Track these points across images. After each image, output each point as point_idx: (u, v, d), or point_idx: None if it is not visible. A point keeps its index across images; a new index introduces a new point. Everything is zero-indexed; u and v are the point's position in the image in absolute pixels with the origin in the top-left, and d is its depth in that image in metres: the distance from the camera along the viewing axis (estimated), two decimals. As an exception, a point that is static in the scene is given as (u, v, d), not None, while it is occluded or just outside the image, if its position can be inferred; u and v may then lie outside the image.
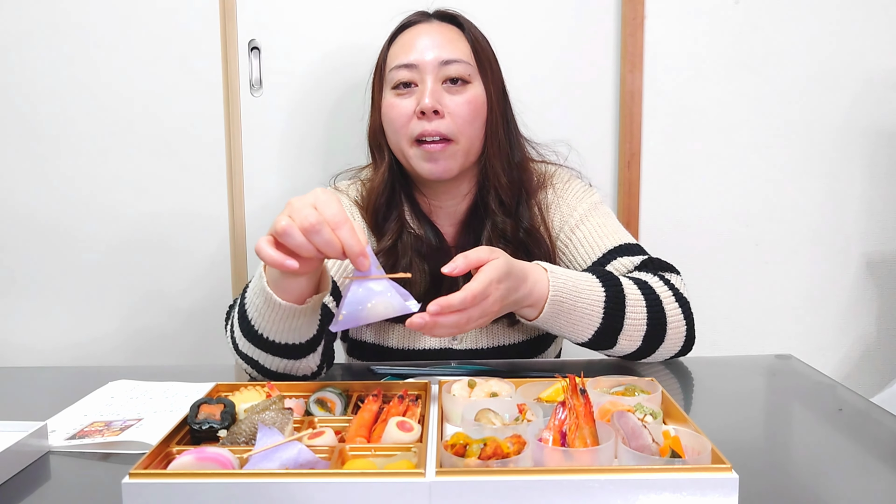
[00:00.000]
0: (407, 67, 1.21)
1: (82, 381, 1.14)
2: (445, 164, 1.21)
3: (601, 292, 1.05)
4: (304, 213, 0.84)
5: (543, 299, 1.01)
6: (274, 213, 1.76)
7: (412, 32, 1.25)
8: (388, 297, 0.84)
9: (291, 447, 0.75)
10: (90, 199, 1.73)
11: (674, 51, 1.73)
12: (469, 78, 1.22)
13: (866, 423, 0.97)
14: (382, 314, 0.84)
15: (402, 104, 1.21)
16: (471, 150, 1.23)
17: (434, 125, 1.19)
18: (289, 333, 1.02)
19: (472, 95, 1.22)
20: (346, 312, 0.84)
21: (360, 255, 0.84)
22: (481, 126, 1.23)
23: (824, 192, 1.81)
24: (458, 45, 1.23)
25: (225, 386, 0.96)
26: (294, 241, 0.84)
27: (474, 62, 1.23)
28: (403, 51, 1.23)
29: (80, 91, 1.69)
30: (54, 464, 0.86)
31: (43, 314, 1.77)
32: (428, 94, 1.18)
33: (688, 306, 1.14)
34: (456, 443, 0.74)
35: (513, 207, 1.25)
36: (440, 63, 1.20)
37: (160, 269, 1.76)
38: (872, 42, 1.75)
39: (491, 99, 1.24)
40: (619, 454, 0.75)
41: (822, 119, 1.78)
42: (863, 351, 1.87)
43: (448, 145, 1.20)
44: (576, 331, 1.06)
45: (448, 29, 1.25)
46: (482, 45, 1.26)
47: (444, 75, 1.21)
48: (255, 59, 1.70)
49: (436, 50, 1.21)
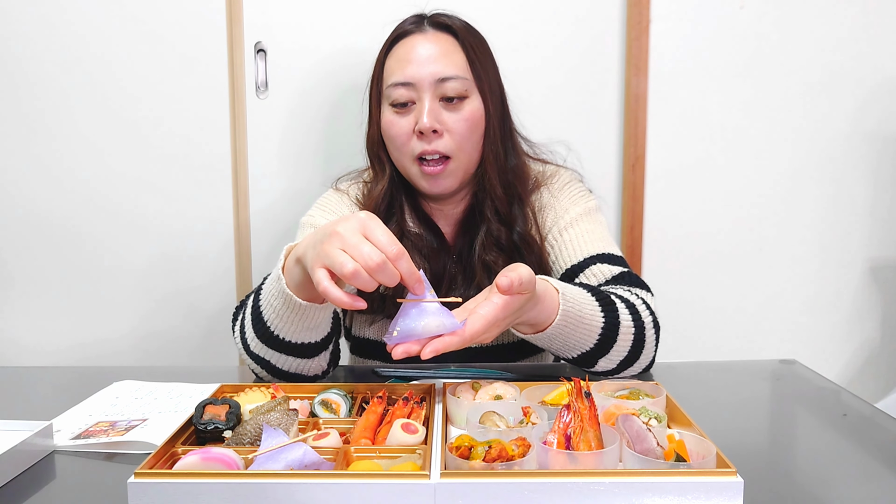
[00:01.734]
0: (404, 86, 1.21)
1: (87, 382, 1.15)
2: (445, 182, 1.24)
3: (600, 318, 1.04)
4: (364, 250, 0.82)
5: (547, 323, 0.99)
6: (279, 215, 1.77)
7: (407, 45, 1.23)
8: (440, 318, 0.86)
9: (296, 448, 0.75)
10: (96, 200, 1.73)
11: (679, 55, 1.73)
12: (466, 93, 1.21)
13: (871, 429, 0.97)
14: (434, 331, 0.86)
15: (402, 122, 1.22)
16: (469, 164, 1.25)
17: (433, 145, 1.20)
18: (306, 333, 1.03)
19: (470, 111, 1.22)
20: (401, 329, 0.86)
21: (417, 282, 0.86)
22: (479, 139, 1.24)
23: (828, 197, 1.80)
24: (453, 58, 1.22)
25: (230, 387, 0.96)
26: (361, 281, 0.83)
27: (471, 75, 1.22)
28: (400, 67, 1.22)
29: (85, 93, 1.70)
30: (59, 463, 0.87)
31: (48, 314, 1.78)
32: (426, 115, 1.19)
33: (659, 332, 1.14)
34: (461, 445, 0.74)
35: (507, 214, 1.26)
36: (437, 80, 1.20)
37: (165, 270, 1.76)
38: (878, 48, 1.75)
39: (488, 110, 1.24)
40: (623, 457, 0.75)
41: (826, 124, 1.77)
42: (866, 356, 1.87)
43: (447, 164, 1.22)
44: (564, 350, 1.06)
45: (444, 39, 1.23)
46: (478, 54, 1.24)
47: (440, 93, 1.20)
48: (262, 62, 1.70)
49: (432, 66, 1.20)
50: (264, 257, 1.76)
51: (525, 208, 1.28)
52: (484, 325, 0.86)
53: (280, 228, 1.75)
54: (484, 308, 0.87)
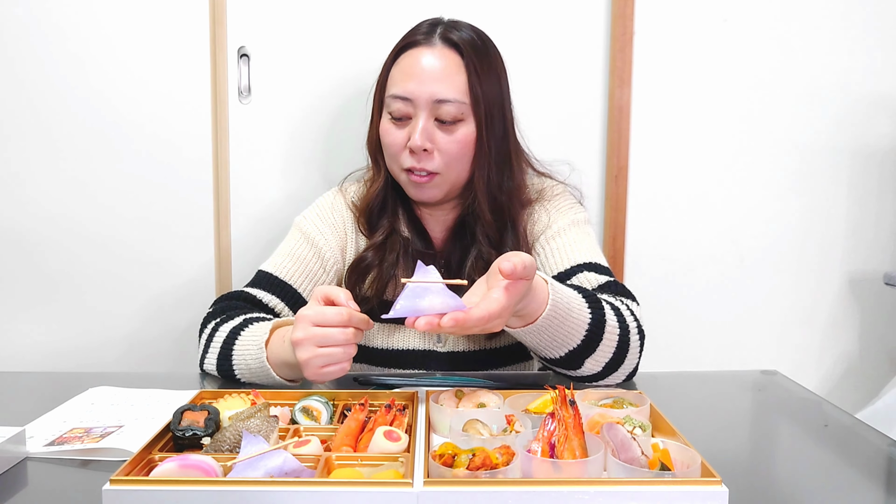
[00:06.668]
0: (402, 100, 1.22)
1: (62, 387, 1.13)
2: (431, 192, 1.26)
3: (587, 314, 1.04)
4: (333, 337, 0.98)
5: (537, 314, 0.99)
6: (261, 223, 1.76)
7: (412, 57, 1.23)
8: (445, 298, 0.87)
9: (276, 455, 0.74)
10: (73, 206, 1.71)
11: (662, 67, 1.74)
12: (462, 116, 1.21)
13: (852, 439, 0.97)
14: (438, 308, 0.86)
15: (397, 133, 1.24)
16: (458, 181, 1.27)
17: (422, 163, 1.22)
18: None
19: (463, 134, 1.22)
20: (407, 305, 0.87)
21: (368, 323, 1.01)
22: (469, 160, 1.25)
23: (809, 210, 1.82)
24: (454, 80, 1.21)
25: (209, 393, 0.94)
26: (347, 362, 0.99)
27: (469, 98, 1.21)
28: (402, 79, 1.22)
29: (64, 96, 1.67)
30: (32, 470, 0.85)
31: (22, 320, 1.74)
32: (419, 133, 1.20)
33: (644, 339, 1.14)
34: (444, 453, 0.73)
35: (496, 239, 1.27)
36: (433, 101, 1.20)
37: (143, 277, 1.74)
38: (859, 62, 1.77)
39: (482, 134, 1.23)
40: (608, 466, 0.75)
41: (807, 138, 1.79)
42: (845, 368, 1.88)
43: (434, 177, 1.23)
44: (551, 347, 1.05)
45: (449, 57, 1.22)
46: (482, 75, 1.22)
47: (436, 113, 1.21)
48: (245, 66, 1.69)
49: (432, 85, 1.20)
50: (245, 265, 1.74)
51: (518, 228, 1.28)
52: (499, 308, 0.86)
53: (262, 235, 1.73)
54: (496, 292, 0.87)
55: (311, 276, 1.30)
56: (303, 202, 1.42)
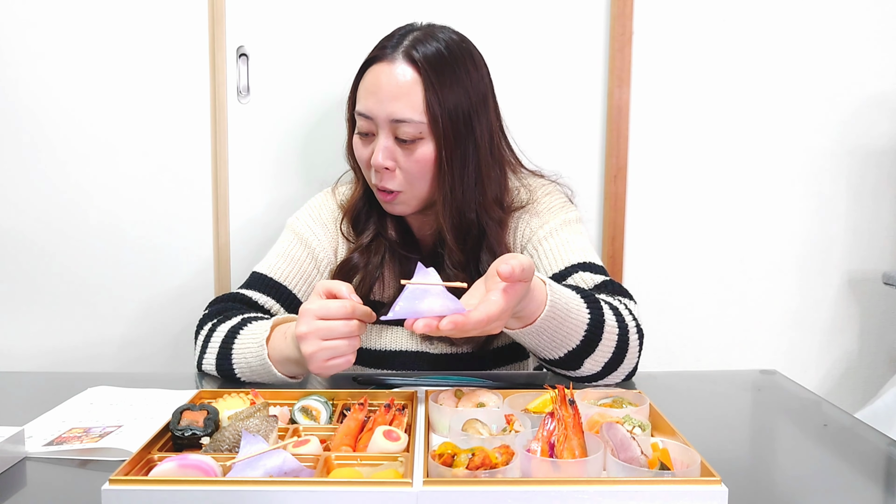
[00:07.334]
0: (364, 117, 1.21)
1: (61, 387, 1.12)
2: (399, 208, 1.26)
3: (585, 314, 1.04)
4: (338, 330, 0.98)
5: (535, 315, 0.98)
6: (259, 222, 1.76)
7: (374, 74, 1.20)
8: (444, 300, 0.87)
9: (276, 455, 0.73)
10: (71, 205, 1.71)
11: (661, 67, 1.74)
12: (420, 135, 1.18)
13: (851, 439, 0.97)
14: (438, 311, 0.86)
15: (363, 150, 1.23)
16: (425, 197, 1.24)
17: (384, 182, 1.22)
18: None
19: (422, 154, 1.19)
20: (406, 307, 0.87)
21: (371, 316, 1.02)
22: (431, 179, 1.22)
23: (809, 210, 1.82)
24: (411, 99, 1.16)
25: (208, 393, 0.94)
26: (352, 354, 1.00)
27: (427, 118, 1.17)
28: (364, 96, 1.21)
29: (62, 96, 1.67)
30: (31, 470, 0.84)
31: (21, 320, 1.74)
32: (380, 153, 1.19)
33: (643, 338, 1.13)
34: (444, 452, 0.73)
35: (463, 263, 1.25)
36: (391, 121, 1.18)
37: (143, 277, 1.74)
38: (860, 63, 1.77)
39: (441, 153, 1.18)
40: (607, 466, 0.75)
41: (807, 138, 1.79)
42: (845, 368, 1.88)
43: (397, 195, 1.23)
44: (550, 348, 1.04)
45: (408, 74, 1.17)
46: (441, 94, 1.17)
47: (395, 132, 1.19)
48: (244, 66, 1.69)
49: (390, 105, 1.17)
50: (244, 264, 1.73)
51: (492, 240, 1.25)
52: (498, 311, 0.86)
53: (260, 234, 1.73)
54: (495, 294, 0.87)
55: (305, 277, 1.30)
56: (302, 202, 1.41)
